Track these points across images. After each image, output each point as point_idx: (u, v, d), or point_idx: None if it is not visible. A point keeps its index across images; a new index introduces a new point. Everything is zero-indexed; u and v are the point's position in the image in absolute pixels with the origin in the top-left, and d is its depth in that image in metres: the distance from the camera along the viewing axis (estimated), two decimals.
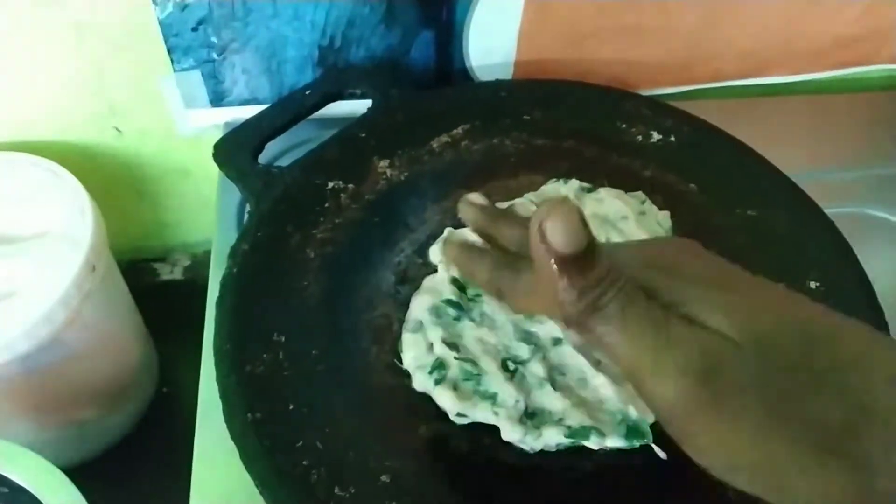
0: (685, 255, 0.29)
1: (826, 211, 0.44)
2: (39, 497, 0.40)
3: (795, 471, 0.24)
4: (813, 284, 0.41)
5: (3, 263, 0.47)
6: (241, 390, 0.36)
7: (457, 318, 0.40)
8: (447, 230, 0.44)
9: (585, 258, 0.25)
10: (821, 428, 0.24)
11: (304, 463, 0.34)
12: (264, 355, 0.38)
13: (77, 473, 0.41)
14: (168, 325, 0.63)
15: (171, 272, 0.69)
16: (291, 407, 0.36)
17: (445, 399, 0.37)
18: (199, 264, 0.68)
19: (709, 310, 0.26)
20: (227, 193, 0.53)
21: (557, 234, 0.25)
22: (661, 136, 0.48)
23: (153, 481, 0.57)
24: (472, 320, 0.40)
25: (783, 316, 0.26)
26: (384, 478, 0.34)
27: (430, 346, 0.39)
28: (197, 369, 0.44)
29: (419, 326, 0.40)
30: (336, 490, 0.34)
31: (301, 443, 0.35)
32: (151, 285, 0.68)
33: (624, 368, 0.26)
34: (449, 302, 0.40)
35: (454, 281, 0.41)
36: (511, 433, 0.36)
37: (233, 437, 0.35)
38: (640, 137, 0.48)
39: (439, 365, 0.38)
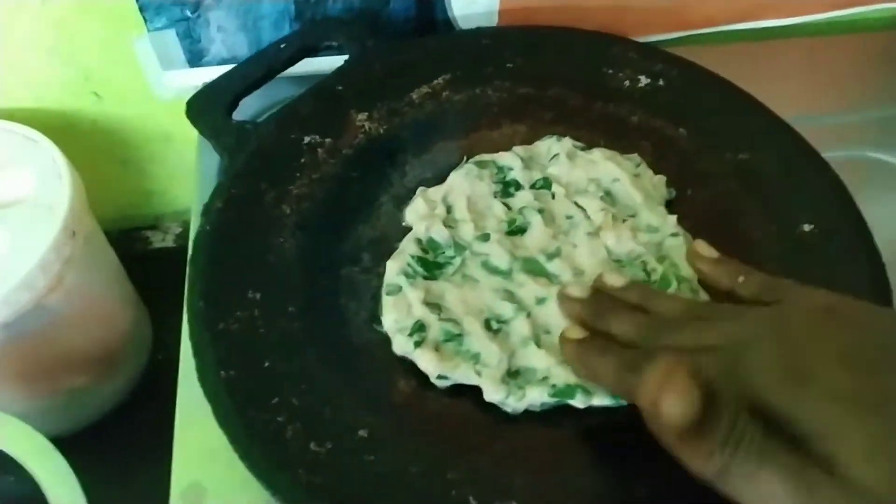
0: (823, 348, 0.27)
1: (826, 156, 0.42)
2: (24, 464, 0.40)
3: None
4: (807, 227, 0.40)
5: None
6: (213, 348, 0.35)
7: (431, 278, 0.39)
8: (419, 189, 0.43)
9: (705, 420, 0.25)
10: None
11: (279, 419, 0.33)
12: (238, 313, 0.37)
13: (70, 443, 0.41)
14: (161, 292, 0.63)
15: (162, 240, 0.68)
16: (266, 364, 0.35)
17: (426, 361, 0.36)
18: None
19: (849, 454, 0.24)
20: (207, 157, 0.52)
21: (673, 410, 0.25)
22: (649, 81, 0.46)
23: (148, 450, 0.57)
24: (452, 281, 0.39)
25: None
26: (361, 432, 0.34)
27: (410, 309, 0.38)
28: None
29: (397, 289, 0.39)
30: (312, 445, 0.33)
31: (276, 400, 0.34)
32: (144, 253, 0.68)
33: None
34: (420, 261, 0.39)
35: (418, 242, 0.40)
36: (494, 394, 0.35)
37: (206, 395, 0.34)
38: (627, 83, 0.46)
39: (419, 327, 0.37)
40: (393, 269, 0.39)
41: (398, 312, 0.38)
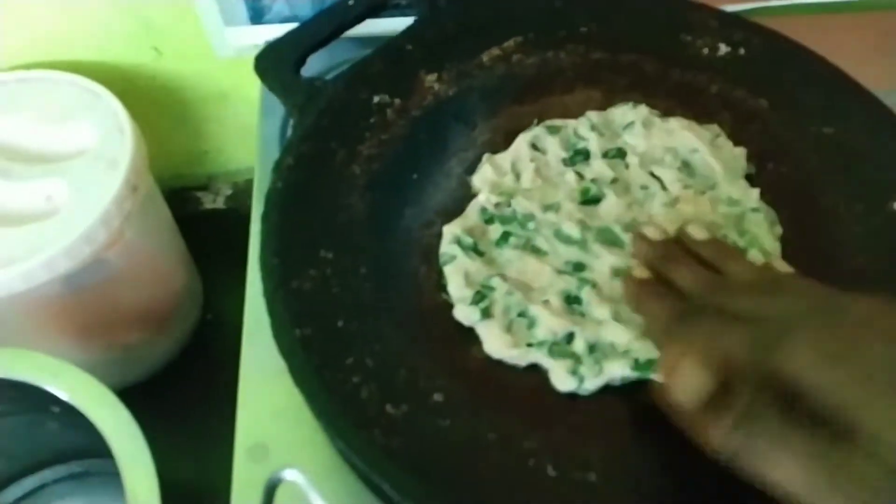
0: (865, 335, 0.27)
1: None
2: (90, 416, 0.40)
3: None
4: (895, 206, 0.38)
5: (41, 182, 0.47)
6: (288, 306, 0.34)
7: (481, 252, 0.38)
8: (485, 156, 0.42)
9: (722, 399, 0.26)
10: None
11: (355, 380, 0.33)
12: (311, 271, 0.36)
13: (122, 398, 0.41)
14: (212, 253, 0.63)
15: (213, 201, 0.68)
16: (340, 324, 0.35)
17: (492, 341, 0.35)
18: (242, 193, 0.68)
19: (878, 422, 0.24)
20: (269, 118, 0.51)
21: (680, 395, 0.27)
22: (729, 49, 0.45)
23: (197, 407, 0.58)
24: (518, 251, 0.38)
25: None
26: (437, 397, 0.33)
27: (470, 278, 0.37)
28: (241, 297, 0.43)
29: (451, 258, 0.38)
30: (387, 407, 0.32)
31: (351, 360, 0.34)
32: (195, 214, 0.68)
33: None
34: (471, 232, 0.38)
35: (482, 210, 0.39)
36: (563, 383, 0.34)
37: (281, 353, 0.33)
38: (706, 50, 0.45)
39: (480, 297, 0.36)
40: (447, 238, 0.39)
41: (458, 281, 0.37)
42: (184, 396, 0.59)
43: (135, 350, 0.56)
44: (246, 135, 0.61)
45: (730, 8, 0.53)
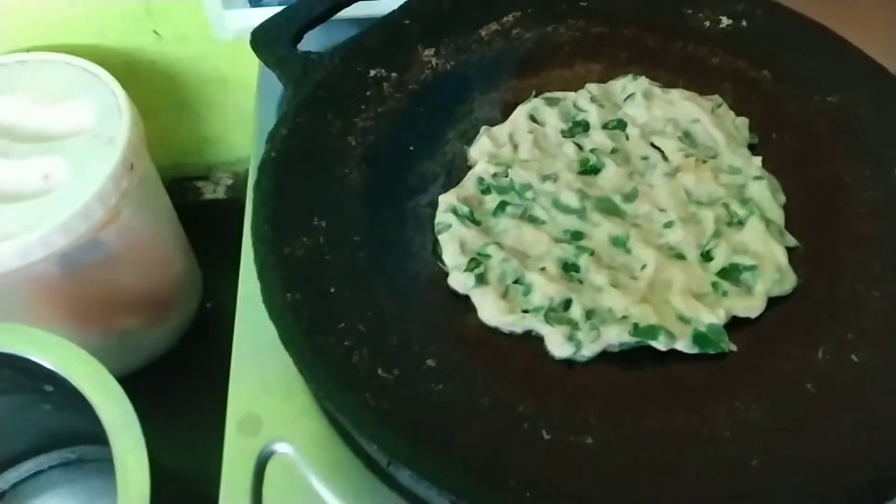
0: None
1: None
2: (81, 389, 0.39)
3: None
4: None
5: (38, 161, 0.46)
6: (279, 271, 0.34)
7: (477, 222, 0.37)
8: (483, 128, 0.41)
9: None
10: None
11: (346, 344, 0.32)
12: (304, 239, 0.35)
13: (120, 385, 0.40)
14: (212, 243, 0.62)
15: (213, 191, 0.68)
16: (332, 290, 0.34)
17: (488, 308, 0.34)
18: (242, 183, 0.67)
19: None
20: (266, 103, 0.51)
21: None
22: (731, 22, 0.44)
23: (196, 396, 0.57)
24: (514, 220, 0.37)
25: None
26: (430, 362, 0.32)
27: (465, 246, 0.36)
28: None
29: (447, 227, 0.37)
30: (379, 371, 0.32)
31: (342, 325, 0.33)
32: (195, 204, 0.68)
33: None
34: (467, 202, 0.38)
35: (479, 181, 0.39)
36: (559, 349, 0.33)
37: (271, 318, 0.33)
38: (707, 23, 0.44)
39: (475, 265, 0.36)
40: (442, 207, 0.38)
41: (453, 249, 0.37)
42: (182, 385, 0.58)
43: (132, 336, 0.55)
44: (246, 124, 0.60)
45: None
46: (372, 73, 0.42)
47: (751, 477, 0.29)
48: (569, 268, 0.36)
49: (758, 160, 0.39)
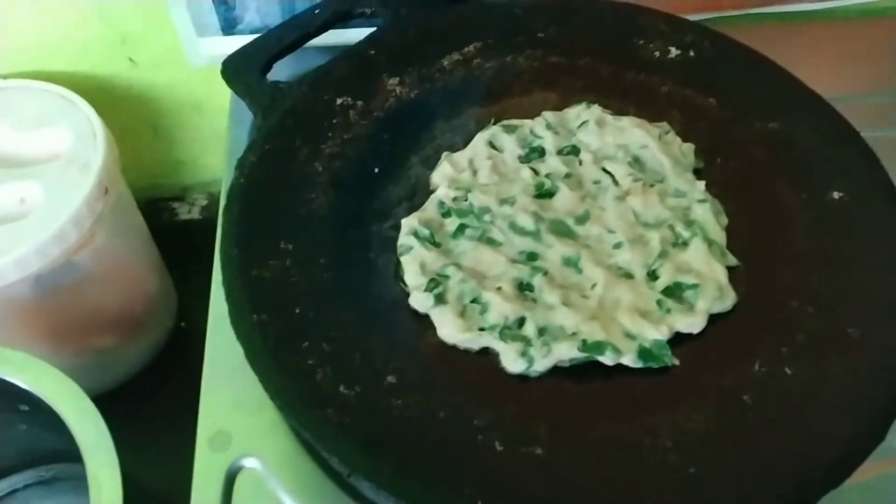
0: None
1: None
2: (56, 408, 0.41)
3: None
4: (836, 195, 0.40)
5: (15, 185, 0.48)
6: (247, 293, 0.35)
7: (437, 244, 0.39)
8: (444, 154, 0.43)
9: None
10: None
11: (310, 362, 0.34)
12: (271, 262, 0.37)
13: (94, 404, 0.41)
14: (187, 263, 0.63)
15: (189, 212, 0.69)
16: (298, 311, 0.36)
17: (447, 326, 0.36)
18: (217, 203, 0.68)
19: None
20: (238, 128, 0.53)
21: None
22: (679, 52, 0.46)
23: (169, 412, 0.58)
24: (473, 242, 0.39)
25: None
26: (390, 378, 0.34)
27: (425, 267, 0.38)
28: None
29: (408, 249, 0.39)
30: (341, 388, 0.33)
31: (307, 344, 0.35)
32: (170, 225, 0.69)
33: None
34: (428, 224, 0.40)
35: (440, 204, 0.41)
36: (513, 364, 0.35)
37: (238, 338, 0.34)
38: (657, 53, 0.47)
39: (434, 285, 0.37)
40: (404, 230, 0.40)
41: (414, 270, 0.38)
42: (157, 403, 0.59)
43: (107, 355, 0.56)
44: (220, 145, 0.61)
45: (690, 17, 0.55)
46: (339, 101, 0.44)
47: (689, 483, 0.31)
48: (524, 287, 0.38)
49: (702, 184, 0.41)
